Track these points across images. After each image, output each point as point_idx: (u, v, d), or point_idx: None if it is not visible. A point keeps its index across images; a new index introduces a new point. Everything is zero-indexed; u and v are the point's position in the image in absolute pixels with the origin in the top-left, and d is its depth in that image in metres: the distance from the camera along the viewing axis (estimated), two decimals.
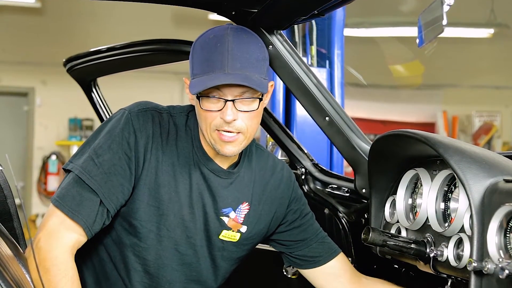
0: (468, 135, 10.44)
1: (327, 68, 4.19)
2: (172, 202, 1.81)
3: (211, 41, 1.72)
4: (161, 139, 1.81)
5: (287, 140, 2.42)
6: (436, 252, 1.67)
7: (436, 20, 1.84)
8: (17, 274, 1.33)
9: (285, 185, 2.00)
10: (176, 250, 1.86)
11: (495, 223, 1.40)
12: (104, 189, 1.73)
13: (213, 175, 1.85)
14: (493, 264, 1.38)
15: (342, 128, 2.19)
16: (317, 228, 2.06)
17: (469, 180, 1.46)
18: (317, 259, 2.03)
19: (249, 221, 1.93)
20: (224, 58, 1.69)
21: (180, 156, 1.82)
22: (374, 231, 1.73)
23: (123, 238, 1.84)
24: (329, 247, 2.05)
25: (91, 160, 1.74)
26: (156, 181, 1.80)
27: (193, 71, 1.74)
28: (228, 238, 1.91)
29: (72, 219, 1.70)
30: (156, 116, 1.83)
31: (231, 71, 1.68)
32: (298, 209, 2.03)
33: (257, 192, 1.94)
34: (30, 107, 9.64)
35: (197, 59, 1.74)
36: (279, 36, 2.15)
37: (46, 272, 1.65)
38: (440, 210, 1.73)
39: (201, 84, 1.69)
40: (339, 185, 2.33)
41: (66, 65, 2.85)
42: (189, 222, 1.84)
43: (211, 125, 1.74)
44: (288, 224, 2.02)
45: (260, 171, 1.97)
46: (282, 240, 2.04)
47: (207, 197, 1.85)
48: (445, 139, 1.60)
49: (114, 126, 1.78)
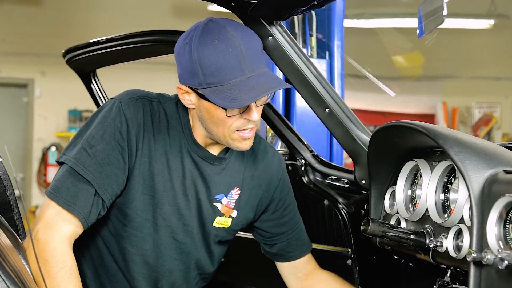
0: (467, 126, 10.46)
1: (327, 59, 4.19)
2: (167, 191, 1.82)
3: (219, 47, 1.67)
4: (152, 128, 1.81)
5: (287, 132, 2.42)
6: (436, 243, 1.67)
7: (436, 11, 1.84)
8: (16, 264, 1.33)
9: (274, 172, 2.02)
10: (173, 239, 1.87)
11: (494, 214, 1.40)
12: (99, 180, 1.73)
13: (205, 162, 1.86)
14: (492, 255, 1.38)
15: (342, 120, 2.19)
16: (296, 221, 2.09)
17: (468, 171, 1.46)
18: (288, 255, 2.09)
19: (239, 206, 1.95)
20: (242, 62, 1.67)
21: (172, 145, 1.83)
22: (374, 222, 1.73)
23: (120, 230, 1.85)
24: (302, 243, 2.10)
25: (84, 151, 1.74)
26: (150, 169, 1.80)
27: (205, 80, 1.67)
28: (221, 224, 1.93)
29: (67, 211, 1.71)
30: (147, 104, 1.82)
31: (250, 73, 1.68)
32: (282, 199, 2.04)
33: (248, 176, 1.96)
34: (29, 99, 9.64)
35: (208, 68, 1.67)
36: (279, 27, 2.14)
37: (44, 263, 1.65)
38: (440, 201, 1.73)
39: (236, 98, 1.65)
40: (339, 176, 2.34)
41: (65, 56, 2.84)
42: (184, 210, 1.85)
43: (231, 127, 1.74)
44: (271, 213, 2.04)
45: (251, 155, 1.98)
46: (262, 231, 2.07)
47: (200, 184, 1.86)
48: (445, 130, 1.60)
49: (105, 116, 1.78)
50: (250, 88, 1.66)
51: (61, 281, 1.66)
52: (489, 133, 10.33)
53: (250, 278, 2.60)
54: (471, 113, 10.55)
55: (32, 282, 1.46)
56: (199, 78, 1.68)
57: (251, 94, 1.65)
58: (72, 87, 5.86)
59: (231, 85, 1.66)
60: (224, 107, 1.68)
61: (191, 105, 1.77)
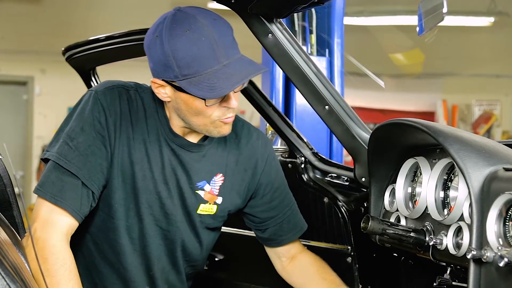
0: (467, 124, 10.45)
1: (327, 57, 4.18)
2: (147, 179, 1.83)
3: (191, 37, 1.65)
4: (130, 116, 1.81)
5: (286, 129, 2.42)
6: (436, 240, 1.67)
7: (436, 8, 1.84)
8: (16, 262, 1.33)
9: (260, 155, 2.00)
10: (157, 227, 1.89)
11: (494, 212, 1.40)
12: (84, 171, 1.74)
13: (184, 150, 1.86)
14: (492, 252, 1.38)
15: (342, 117, 2.19)
16: (287, 204, 2.07)
17: (468, 169, 1.46)
18: (281, 239, 2.07)
19: (224, 192, 1.94)
20: (216, 50, 1.66)
21: (150, 133, 1.83)
22: (374, 219, 1.73)
23: (107, 222, 1.86)
24: (294, 226, 2.08)
25: (66, 144, 1.75)
26: (129, 158, 1.81)
27: (181, 72, 1.66)
28: (205, 211, 1.93)
29: (58, 206, 1.72)
30: (124, 93, 1.83)
31: (226, 60, 1.67)
32: (270, 183, 2.02)
33: (231, 162, 1.95)
34: (29, 96, 9.63)
35: (183, 60, 1.66)
36: (279, 24, 2.14)
37: (44, 261, 1.66)
38: (440, 198, 1.73)
39: (214, 87, 1.65)
40: (339, 174, 2.33)
41: (65, 54, 2.84)
42: (166, 199, 1.86)
43: (212, 117, 1.74)
44: (259, 198, 2.02)
45: (235, 140, 1.96)
46: (252, 216, 2.05)
47: (181, 172, 1.86)
48: (445, 127, 1.60)
49: (83, 108, 1.79)
50: (228, 76, 1.65)
51: (61, 278, 1.66)
52: (489, 130, 10.33)
53: (250, 276, 2.60)
54: (471, 110, 10.54)
55: (32, 280, 1.46)
56: (174, 71, 1.67)
57: (230, 82, 1.65)
58: (72, 84, 5.85)
59: (208, 75, 1.66)
60: (204, 98, 1.68)
61: (167, 98, 1.76)
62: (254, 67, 1.70)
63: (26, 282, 1.27)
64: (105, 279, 1.91)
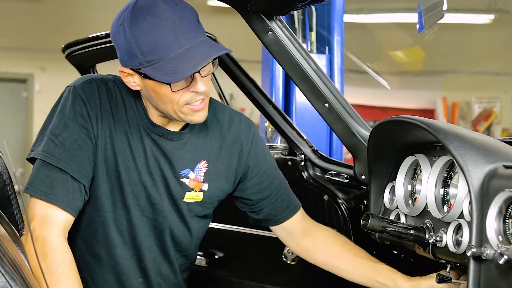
0: (467, 122, 10.46)
1: (327, 55, 4.19)
2: (131, 170, 1.83)
3: (152, 22, 1.65)
4: (110, 108, 1.82)
5: (286, 127, 2.42)
6: (435, 238, 1.67)
7: (436, 6, 1.84)
8: (16, 259, 1.33)
9: (244, 139, 1.98)
10: (145, 217, 1.89)
11: (494, 209, 1.40)
12: (72, 166, 1.75)
13: (164, 139, 1.86)
14: (492, 250, 1.38)
15: (342, 115, 2.19)
16: (279, 184, 2.05)
17: (468, 166, 1.46)
18: (276, 218, 2.05)
19: (209, 179, 1.93)
20: (178, 34, 1.65)
21: (130, 124, 1.84)
22: (374, 217, 1.73)
23: (95, 216, 1.86)
24: (288, 204, 2.06)
25: (51, 141, 1.76)
26: (112, 150, 1.81)
27: (145, 58, 1.66)
28: (192, 199, 1.92)
29: (50, 203, 1.72)
30: (102, 85, 1.83)
31: (189, 44, 1.66)
32: (257, 165, 2.00)
33: (215, 148, 1.94)
34: (29, 94, 9.63)
35: (145, 46, 1.65)
36: (279, 22, 2.14)
37: (44, 258, 1.66)
38: (440, 196, 1.73)
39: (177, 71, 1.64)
40: (339, 172, 2.33)
41: (65, 51, 2.84)
42: (151, 189, 1.86)
43: (179, 102, 1.73)
44: (248, 180, 2.01)
45: (217, 126, 1.95)
46: (244, 199, 2.04)
47: (163, 162, 1.86)
48: (445, 125, 1.60)
49: (64, 104, 1.80)
50: (189, 59, 1.65)
51: (61, 275, 1.66)
52: (489, 128, 10.33)
53: (250, 273, 2.60)
54: (471, 108, 10.54)
55: (31, 277, 1.46)
56: (138, 58, 1.67)
57: (192, 64, 1.64)
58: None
59: (171, 59, 1.65)
60: (167, 82, 1.67)
61: (136, 87, 1.76)
62: (217, 48, 1.69)
63: (26, 280, 1.27)
64: (97, 275, 1.91)
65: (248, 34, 2.19)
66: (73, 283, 1.68)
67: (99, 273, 1.91)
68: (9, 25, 8.86)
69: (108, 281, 1.92)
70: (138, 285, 1.94)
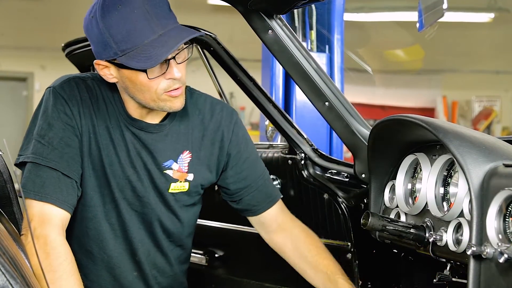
0: (467, 120, 10.46)
1: (327, 53, 4.19)
2: (114, 165, 1.85)
3: (123, 11, 1.66)
4: (91, 103, 1.84)
5: (286, 126, 2.41)
6: (435, 236, 1.67)
7: (436, 4, 1.84)
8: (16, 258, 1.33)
9: (225, 127, 1.99)
10: (133, 210, 1.90)
11: (494, 208, 1.40)
12: (62, 163, 1.77)
13: (144, 132, 1.87)
14: (492, 249, 1.38)
15: (342, 113, 2.19)
16: (259, 174, 2.05)
17: (468, 165, 1.46)
18: (255, 209, 2.05)
19: (194, 168, 1.94)
20: (150, 21, 1.66)
21: (111, 119, 1.85)
22: (374, 216, 1.73)
23: (85, 212, 1.87)
24: (267, 196, 2.05)
25: (38, 143, 1.77)
26: (96, 145, 1.83)
27: (119, 48, 1.66)
28: (178, 189, 1.93)
29: (43, 201, 1.74)
30: (81, 83, 1.85)
31: (162, 30, 1.67)
32: (238, 153, 2.01)
33: (197, 138, 1.95)
34: (29, 92, 9.64)
35: (118, 35, 1.66)
36: (279, 20, 2.14)
37: (47, 256, 1.67)
38: (440, 194, 1.73)
39: (151, 56, 1.65)
40: (339, 170, 2.33)
41: (65, 50, 2.84)
42: (136, 182, 1.88)
43: (157, 90, 1.73)
44: (229, 169, 2.01)
45: (199, 115, 1.96)
46: (225, 188, 2.04)
47: (145, 155, 1.88)
48: (445, 124, 1.60)
49: (46, 106, 1.82)
50: (163, 44, 1.65)
51: (63, 273, 1.67)
52: (489, 127, 10.33)
53: (250, 272, 2.60)
54: (471, 107, 10.54)
55: (32, 276, 1.46)
56: (112, 48, 1.68)
57: (165, 48, 1.65)
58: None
59: (145, 46, 1.66)
60: (142, 69, 1.68)
61: (113, 79, 1.77)
62: (189, 32, 1.70)
63: (26, 278, 1.27)
64: (90, 272, 1.92)
65: (248, 33, 2.18)
66: (75, 281, 1.69)
67: (93, 269, 1.91)
68: (9, 24, 8.86)
69: (102, 277, 1.93)
70: (133, 279, 1.95)
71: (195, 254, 2.68)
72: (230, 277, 2.66)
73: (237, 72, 2.38)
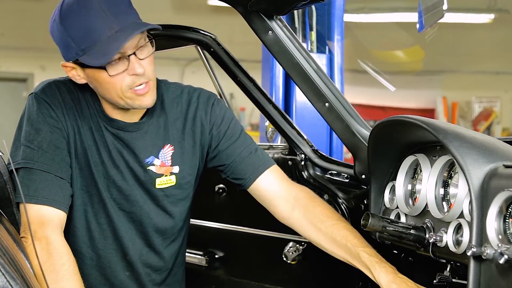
0: (467, 121, 10.46)
1: (327, 54, 4.19)
2: (98, 165, 1.87)
3: (80, 11, 1.68)
4: (74, 105, 1.85)
5: (286, 126, 2.42)
6: (436, 237, 1.67)
7: (436, 5, 1.84)
8: (16, 259, 1.33)
9: (203, 112, 1.99)
10: (121, 210, 1.91)
11: (494, 209, 1.40)
12: (54, 166, 1.78)
13: (123, 131, 1.88)
14: (492, 249, 1.38)
15: (342, 114, 2.19)
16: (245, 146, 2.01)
17: (468, 166, 1.46)
18: (243, 181, 2.01)
19: (178, 160, 1.95)
20: (106, 18, 1.67)
21: (92, 120, 1.87)
22: (374, 217, 1.73)
23: (74, 212, 1.88)
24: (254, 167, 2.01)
25: (27, 148, 1.79)
26: (82, 145, 1.85)
27: (79, 47, 1.69)
28: (165, 184, 1.94)
29: (38, 204, 1.74)
30: (61, 85, 1.87)
31: (118, 26, 1.68)
32: (220, 132, 2.00)
33: (179, 129, 1.96)
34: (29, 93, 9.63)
35: (76, 35, 1.69)
36: (279, 21, 2.14)
37: (49, 257, 1.68)
38: (440, 195, 1.73)
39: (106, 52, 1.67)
40: (339, 171, 2.33)
41: None
42: (120, 182, 1.89)
43: (122, 87, 1.74)
44: (214, 148, 2.00)
45: (177, 107, 1.97)
46: (216, 166, 2.04)
47: (127, 153, 1.89)
48: (445, 124, 1.60)
49: (30, 112, 1.84)
50: (116, 39, 1.67)
51: (65, 274, 1.68)
52: (489, 127, 10.33)
53: (250, 273, 2.60)
54: (471, 107, 10.54)
55: (32, 277, 1.46)
56: (73, 48, 1.71)
57: (117, 43, 1.66)
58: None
59: (101, 43, 1.67)
60: (99, 66, 1.69)
61: (81, 80, 1.80)
62: (142, 26, 1.71)
63: (26, 279, 1.27)
64: (80, 271, 1.91)
65: (248, 34, 2.19)
66: (77, 281, 1.69)
67: (82, 268, 1.91)
68: (10, 24, 8.86)
69: (92, 276, 1.94)
70: (124, 279, 1.96)
71: (195, 255, 2.68)
72: (230, 278, 2.66)
73: (237, 73, 2.39)
